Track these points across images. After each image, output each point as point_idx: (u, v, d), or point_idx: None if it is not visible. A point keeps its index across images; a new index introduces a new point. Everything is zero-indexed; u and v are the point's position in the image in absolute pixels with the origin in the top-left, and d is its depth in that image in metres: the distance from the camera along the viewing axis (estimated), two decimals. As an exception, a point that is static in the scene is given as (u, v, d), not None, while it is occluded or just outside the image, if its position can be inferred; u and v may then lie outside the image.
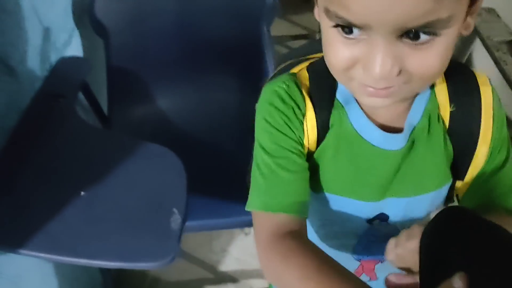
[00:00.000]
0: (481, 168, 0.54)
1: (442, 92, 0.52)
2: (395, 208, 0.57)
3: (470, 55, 1.15)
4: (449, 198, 0.59)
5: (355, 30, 0.41)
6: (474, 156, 0.53)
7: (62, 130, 0.83)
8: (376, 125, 0.52)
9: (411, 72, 0.42)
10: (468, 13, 0.42)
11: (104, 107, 1.11)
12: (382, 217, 0.58)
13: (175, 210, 0.69)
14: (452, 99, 0.52)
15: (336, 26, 0.42)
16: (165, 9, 1.05)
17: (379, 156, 0.52)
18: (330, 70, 0.47)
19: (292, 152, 0.52)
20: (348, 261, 0.62)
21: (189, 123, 1.10)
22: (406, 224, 0.57)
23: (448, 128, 0.53)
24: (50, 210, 0.68)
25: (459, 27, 0.42)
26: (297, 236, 0.50)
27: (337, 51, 0.44)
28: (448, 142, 0.53)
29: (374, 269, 0.63)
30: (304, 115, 0.52)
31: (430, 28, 0.39)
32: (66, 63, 0.96)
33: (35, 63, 0.93)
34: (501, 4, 1.06)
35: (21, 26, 0.89)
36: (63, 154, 0.79)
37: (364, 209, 0.57)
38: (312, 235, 0.63)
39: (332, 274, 0.44)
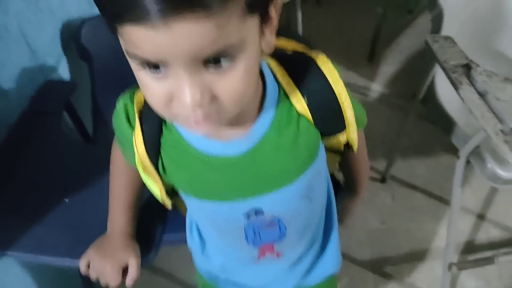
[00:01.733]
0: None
1: (292, 92, 0.56)
2: (265, 202, 0.62)
3: (434, 77, 1.24)
4: (340, 152, 0.68)
5: (160, 67, 0.42)
6: (345, 120, 0.59)
7: (47, 143, 0.89)
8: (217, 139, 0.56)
9: (221, 97, 0.44)
10: (263, 32, 0.45)
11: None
12: (257, 211, 0.62)
13: (147, 250, 0.73)
14: (302, 93, 0.56)
15: (142, 65, 0.43)
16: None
17: (225, 163, 0.57)
18: (153, 107, 0.48)
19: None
20: (248, 249, 0.68)
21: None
22: (282, 211, 0.64)
23: (312, 116, 0.57)
24: (37, 216, 0.73)
25: (256, 47, 0.45)
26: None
27: (152, 90, 0.45)
28: (312, 128, 0.58)
29: (274, 249, 0.69)
30: (133, 132, 0.58)
31: (225, 54, 0.41)
32: (52, 84, 1.03)
33: (23, 83, 0.99)
34: (456, 34, 1.16)
35: (10, 49, 0.95)
36: (49, 165, 0.84)
37: (234, 207, 0.62)
38: (211, 234, 0.71)
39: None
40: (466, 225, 1.52)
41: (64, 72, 1.14)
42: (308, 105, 0.56)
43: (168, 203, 0.66)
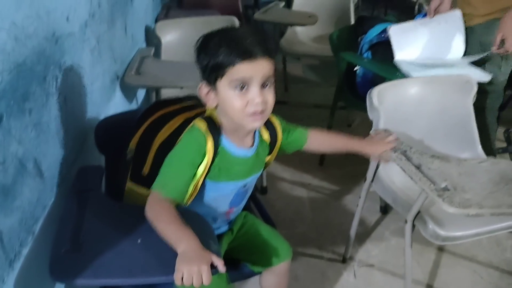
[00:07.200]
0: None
1: (264, 132, 1.21)
2: (250, 180, 1.21)
3: (379, 163, 1.57)
4: None
5: (245, 87, 1.00)
6: (276, 147, 1.24)
7: (102, 207, 1.12)
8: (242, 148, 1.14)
9: (267, 101, 1.03)
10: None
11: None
12: (245, 184, 1.20)
13: (211, 241, 0.98)
14: (267, 131, 1.21)
15: (236, 87, 1.00)
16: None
17: (243, 161, 1.15)
18: (232, 113, 1.04)
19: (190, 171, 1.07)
20: (224, 209, 1.22)
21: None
22: (252, 185, 1.25)
23: (269, 141, 1.22)
24: (117, 251, 0.96)
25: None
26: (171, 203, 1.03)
27: (237, 102, 1.02)
28: (267, 147, 1.22)
29: (231, 213, 1.25)
30: (206, 149, 1.07)
31: (268, 80, 1.03)
32: (86, 169, 1.29)
33: (55, 169, 1.21)
34: (392, 127, 1.51)
35: (49, 143, 1.18)
36: (110, 219, 1.07)
37: (240, 183, 1.18)
38: (211, 199, 1.17)
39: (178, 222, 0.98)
40: (419, 295, 1.76)
41: (84, 161, 1.38)
42: (269, 138, 1.21)
43: (192, 196, 1.10)
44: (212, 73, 1.02)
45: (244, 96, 1.01)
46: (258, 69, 1.00)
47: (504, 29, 1.77)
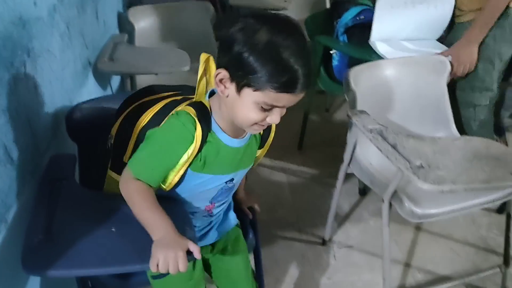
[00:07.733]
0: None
1: None
2: (238, 175, 1.13)
3: (356, 139, 1.58)
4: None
5: (271, 108, 0.92)
6: (268, 142, 1.17)
7: (75, 197, 1.10)
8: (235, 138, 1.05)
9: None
10: None
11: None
12: (232, 179, 1.12)
13: (187, 227, 0.97)
14: None
15: (264, 108, 0.92)
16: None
17: (234, 151, 1.06)
18: (241, 119, 0.95)
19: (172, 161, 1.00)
20: (203, 204, 1.14)
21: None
22: (240, 180, 1.17)
23: (262, 135, 1.15)
24: (90, 241, 0.94)
25: None
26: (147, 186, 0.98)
27: (256, 116, 0.93)
28: (259, 140, 1.15)
29: (213, 208, 1.17)
30: (194, 135, 0.97)
31: None
32: (58, 157, 1.25)
33: (26, 156, 1.18)
34: (368, 108, 1.53)
35: (19, 130, 1.15)
36: (84, 209, 1.05)
37: (225, 177, 1.10)
38: (191, 192, 1.10)
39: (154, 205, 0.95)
40: (396, 273, 1.78)
41: (56, 149, 1.35)
42: (262, 133, 1.14)
43: (172, 184, 1.04)
44: (246, 77, 0.89)
45: (264, 113, 0.93)
46: (294, 100, 0.93)
47: (453, 51, 1.74)
